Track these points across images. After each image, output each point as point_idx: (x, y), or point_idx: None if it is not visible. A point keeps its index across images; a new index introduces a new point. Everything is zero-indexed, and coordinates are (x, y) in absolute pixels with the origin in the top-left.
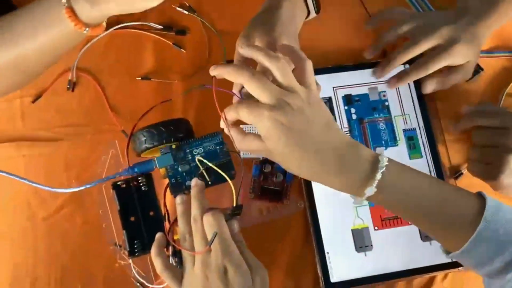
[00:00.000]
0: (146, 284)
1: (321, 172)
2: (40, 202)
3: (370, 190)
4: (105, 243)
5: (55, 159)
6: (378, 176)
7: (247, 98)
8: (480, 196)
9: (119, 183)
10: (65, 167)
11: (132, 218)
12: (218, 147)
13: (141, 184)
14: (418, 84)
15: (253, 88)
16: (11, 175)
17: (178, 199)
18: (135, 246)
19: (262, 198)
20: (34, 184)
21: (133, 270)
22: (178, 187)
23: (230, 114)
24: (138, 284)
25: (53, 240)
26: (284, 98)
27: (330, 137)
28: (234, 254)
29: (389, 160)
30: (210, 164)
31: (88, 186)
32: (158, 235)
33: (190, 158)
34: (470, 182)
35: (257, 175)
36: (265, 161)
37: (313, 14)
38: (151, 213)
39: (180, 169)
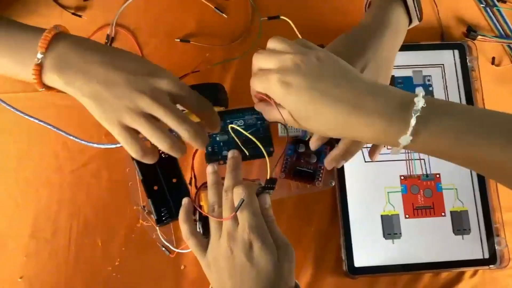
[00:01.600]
0: (172, 248)
1: (346, 124)
2: (68, 154)
3: (405, 139)
4: (129, 202)
5: (87, 112)
6: (413, 122)
7: None
8: None
9: None
10: (96, 121)
11: (156, 187)
12: (258, 122)
13: (161, 152)
14: (466, 71)
15: (260, 59)
16: (44, 123)
17: (210, 168)
18: (162, 214)
19: (294, 179)
20: (66, 135)
21: (160, 235)
22: (214, 156)
23: (252, 89)
24: (163, 248)
25: (77, 193)
26: (289, 58)
27: (350, 84)
28: (261, 229)
29: (429, 99)
30: (249, 136)
31: (119, 145)
32: (185, 200)
33: (228, 129)
34: None
35: (291, 155)
36: (299, 141)
37: (415, 22)
38: (174, 180)
39: (218, 138)
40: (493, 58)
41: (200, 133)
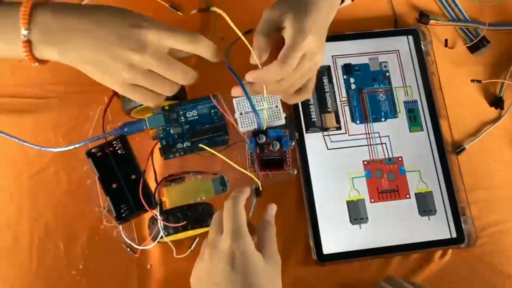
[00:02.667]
0: (135, 246)
1: None
2: (26, 160)
3: None
4: (91, 204)
5: (44, 117)
6: None
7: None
8: None
9: (93, 150)
10: (53, 126)
11: (114, 185)
12: (212, 110)
13: (117, 148)
14: (421, 56)
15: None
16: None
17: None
18: (122, 210)
19: (263, 170)
20: (21, 142)
21: (122, 233)
22: (169, 148)
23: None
24: (128, 248)
25: (37, 198)
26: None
27: None
28: (244, 239)
29: None
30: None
31: (74, 146)
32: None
33: (183, 120)
34: (472, 158)
35: (253, 148)
36: (258, 132)
37: (347, 1)
38: (133, 177)
39: (172, 131)
40: (446, 40)
41: (194, 77)
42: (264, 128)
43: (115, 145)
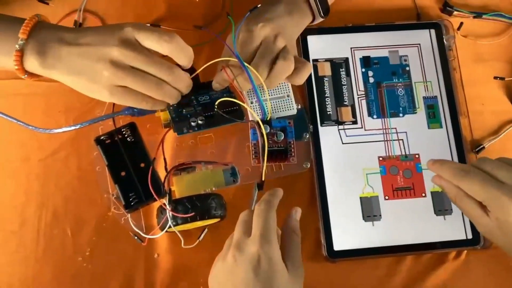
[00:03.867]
0: (143, 235)
1: None
2: (36, 143)
3: None
4: (99, 190)
5: (55, 100)
6: None
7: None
8: None
9: (102, 137)
10: (64, 109)
11: (123, 173)
12: (224, 94)
13: (126, 136)
14: (443, 50)
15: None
16: (5, 116)
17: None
18: (131, 199)
19: (268, 161)
20: (25, 125)
21: (130, 221)
22: (182, 123)
23: None
24: (135, 236)
25: (46, 183)
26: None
27: None
28: (272, 246)
29: None
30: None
31: (79, 126)
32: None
33: (195, 103)
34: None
35: (256, 138)
36: (262, 122)
37: (318, 18)
38: (142, 165)
39: (184, 111)
40: (461, 24)
41: (182, 77)
42: (268, 118)
43: (124, 132)
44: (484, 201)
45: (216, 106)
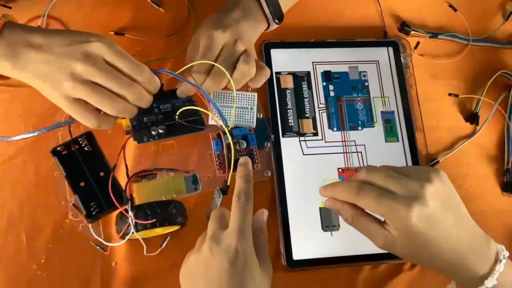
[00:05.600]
0: (105, 243)
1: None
2: None
3: (491, 282)
4: (57, 197)
5: (14, 105)
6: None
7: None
8: None
9: (58, 148)
10: (24, 114)
11: (82, 183)
12: (186, 103)
13: (83, 145)
14: (400, 67)
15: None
16: None
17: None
18: (92, 208)
19: (234, 170)
20: None
21: (92, 231)
22: (142, 131)
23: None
24: (97, 247)
25: (2, 188)
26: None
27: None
28: (249, 241)
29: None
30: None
31: (37, 133)
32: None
33: (157, 111)
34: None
35: (220, 149)
36: (223, 133)
37: (273, 25)
38: (101, 174)
39: (145, 119)
40: (417, 43)
41: (144, 95)
42: (229, 128)
43: (81, 142)
44: (383, 214)
45: (177, 116)
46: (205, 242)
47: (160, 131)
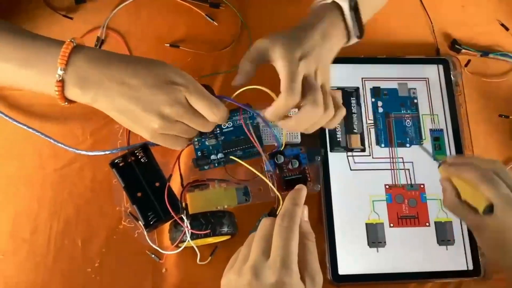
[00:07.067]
0: (161, 251)
1: None
2: (52, 152)
3: None
4: (112, 203)
5: (72, 111)
6: None
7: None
8: None
9: (116, 161)
10: (82, 120)
11: (139, 194)
12: (247, 122)
13: (139, 157)
14: (450, 85)
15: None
16: (27, 127)
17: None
18: (149, 218)
19: (287, 190)
20: (51, 140)
21: (148, 240)
22: (203, 160)
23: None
24: (152, 255)
25: (59, 192)
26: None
27: None
28: (293, 275)
29: None
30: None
31: (102, 152)
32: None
33: (218, 131)
34: None
35: (273, 170)
36: (275, 153)
37: (354, 40)
38: (157, 184)
39: (207, 143)
40: (468, 61)
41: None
42: (282, 148)
43: (137, 153)
44: (498, 203)
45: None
46: (246, 269)
47: (219, 157)
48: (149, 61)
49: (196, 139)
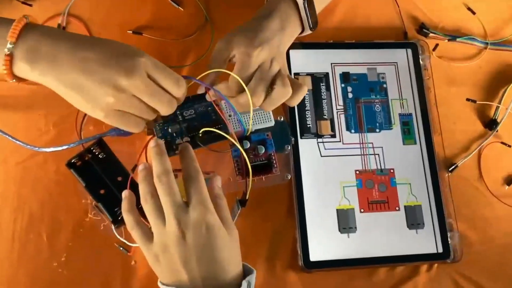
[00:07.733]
0: (129, 244)
1: None
2: (13, 146)
3: None
4: (78, 196)
5: (33, 101)
6: None
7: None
8: None
9: (73, 161)
10: (45, 111)
11: (102, 191)
12: (209, 108)
13: (97, 154)
14: (418, 70)
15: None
16: None
17: (141, 166)
18: (118, 213)
19: (253, 176)
20: (10, 138)
21: (115, 232)
22: (169, 146)
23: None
24: (121, 248)
25: (23, 186)
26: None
27: None
28: (213, 213)
29: None
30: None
31: (65, 147)
32: (126, 192)
33: (180, 119)
34: (464, 176)
35: (238, 155)
36: (242, 138)
37: (307, 31)
38: (119, 179)
39: (170, 130)
40: (436, 45)
41: (174, 107)
42: (248, 133)
43: (94, 150)
44: None
45: (200, 134)
46: (169, 218)
47: (185, 141)
48: (108, 39)
49: (158, 125)
